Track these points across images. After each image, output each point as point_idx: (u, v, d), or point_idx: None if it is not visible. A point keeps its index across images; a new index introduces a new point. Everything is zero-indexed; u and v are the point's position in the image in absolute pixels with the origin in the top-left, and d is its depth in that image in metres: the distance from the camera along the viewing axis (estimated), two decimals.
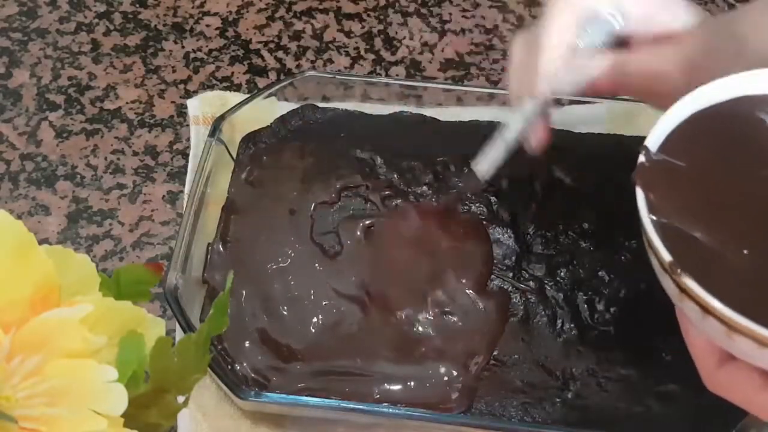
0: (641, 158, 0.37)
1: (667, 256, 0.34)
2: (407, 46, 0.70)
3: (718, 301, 0.32)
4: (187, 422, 0.49)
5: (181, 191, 0.60)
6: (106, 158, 0.62)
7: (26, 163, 0.61)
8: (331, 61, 0.69)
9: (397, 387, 0.49)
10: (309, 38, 0.70)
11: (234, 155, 0.57)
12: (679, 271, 0.33)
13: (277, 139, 0.59)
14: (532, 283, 0.53)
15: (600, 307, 0.52)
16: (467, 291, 0.52)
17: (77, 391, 0.29)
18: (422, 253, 0.53)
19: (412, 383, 0.49)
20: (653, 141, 0.38)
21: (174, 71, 0.67)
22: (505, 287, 0.52)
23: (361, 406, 0.46)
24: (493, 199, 0.56)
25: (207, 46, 0.69)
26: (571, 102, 0.59)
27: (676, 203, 0.36)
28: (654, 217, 0.36)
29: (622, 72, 0.45)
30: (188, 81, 0.67)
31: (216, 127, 0.55)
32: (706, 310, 0.33)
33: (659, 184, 0.37)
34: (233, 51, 0.69)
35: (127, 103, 0.65)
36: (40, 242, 0.31)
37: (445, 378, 0.49)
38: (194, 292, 0.51)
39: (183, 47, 0.69)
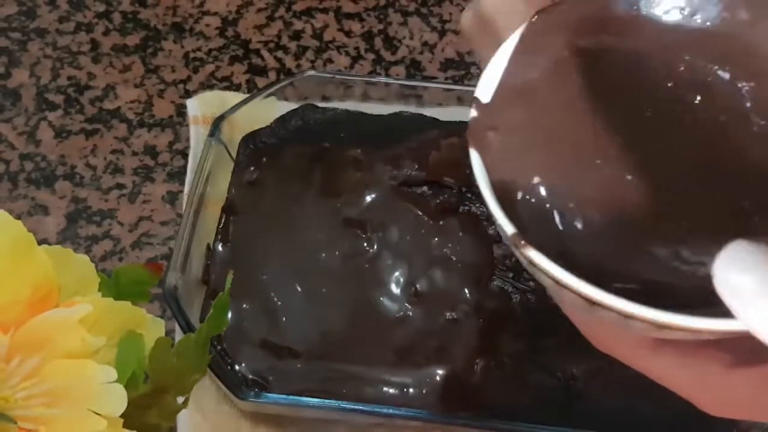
0: (473, 112, 0.30)
1: (510, 229, 0.27)
2: (407, 46, 0.70)
3: (569, 274, 0.26)
4: (187, 423, 0.48)
5: (181, 191, 0.59)
6: (105, 158, 0.62)
7: (25, 163, 0.61)
8: (331, 61, 0.69)
9: (397, 388, 0.49)
10: (309, 38, 0.70)
11: (234, 155, 0.57)
12: (522, 242, 0.27)
13: (277, 139, 0.58)
14: (532, 284, 0.52)
15: None
16: (468, 291, 0.52)
17: (76, 392, 0.29)
18: (424, 253, 0.53)
19: (413, 384, 0.49)
20: (484, 89, 0.31)
21: (173, 71, 0.67)
22: (506, 287, 0.52)
23: (361, 407, 0.46)
24: None
25: (206, 46, 0.69)
26: None
27: (519, 157, 0.30)
28: (494, 179, 0.29)
29: None
30: (188, 81, 0.67)
31: (216, 126, 0.55)
32: (558, 282, 0.27)
33: (496, 140, 0.30)
34: (233, 51, 0.69)
35: (126, 103, 0.65)
36: (40, 242, 0.31)
37: (446, 379, 0.49)
38: (194, 292, 0.51)
39: (182, 47, 0.69)
